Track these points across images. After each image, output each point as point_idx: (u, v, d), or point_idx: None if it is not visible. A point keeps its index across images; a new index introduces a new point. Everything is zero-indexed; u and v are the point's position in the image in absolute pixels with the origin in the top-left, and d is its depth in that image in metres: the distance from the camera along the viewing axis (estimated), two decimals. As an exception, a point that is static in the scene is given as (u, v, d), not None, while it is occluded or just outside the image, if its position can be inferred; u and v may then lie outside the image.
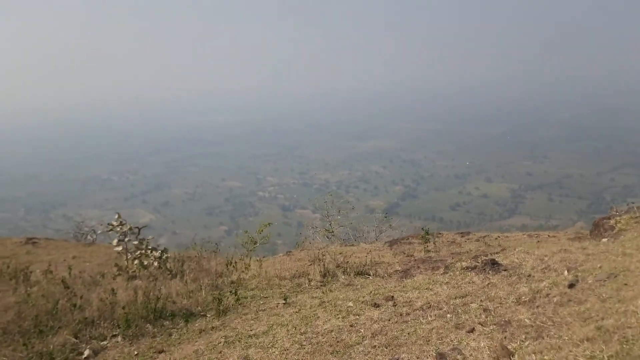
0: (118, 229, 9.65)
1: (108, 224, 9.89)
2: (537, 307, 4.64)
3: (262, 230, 15.89)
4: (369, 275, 9.10)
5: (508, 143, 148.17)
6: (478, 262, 6.66)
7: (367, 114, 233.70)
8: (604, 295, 4.56)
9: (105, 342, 5.65)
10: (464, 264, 6.94)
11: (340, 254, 14.20)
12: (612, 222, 8.41)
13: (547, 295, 4.86)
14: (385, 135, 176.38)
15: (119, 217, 9.72)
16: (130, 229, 9.71)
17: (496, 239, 15.14)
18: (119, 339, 5.70)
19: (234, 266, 10.51)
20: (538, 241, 13.41)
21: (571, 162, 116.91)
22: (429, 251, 12.01)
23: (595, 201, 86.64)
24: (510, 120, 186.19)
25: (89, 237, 19.22)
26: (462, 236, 16.53)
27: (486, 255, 7.25)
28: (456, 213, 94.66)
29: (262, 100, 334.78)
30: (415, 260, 11.20)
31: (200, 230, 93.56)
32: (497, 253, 7.72)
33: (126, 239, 9.64)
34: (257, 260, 12.53)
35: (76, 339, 5.67)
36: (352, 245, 16.67)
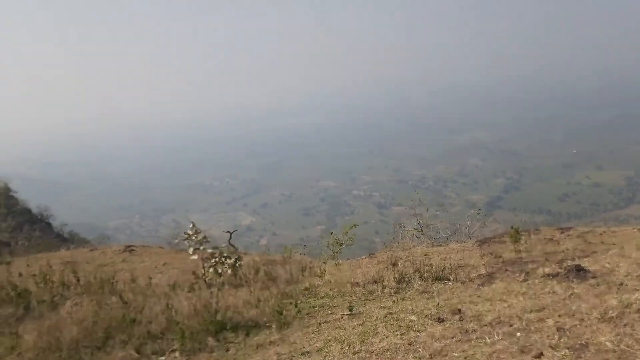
0: (194, 237, 9.79)
1: (184, 232, 10.08)
2: (625, 325, 3.91)
3: (347, 232, 15.61)
4: (449, 280, 8.47)
5: (620, 128, 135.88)
6: (561, 269, 5.87)
7: (461, 106, 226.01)
8: None
9: (163, 358, 5.65)
10: (547, 269, 6.15)
11: (426, 255, 13.53)
12: None
13: (639, 310, 4.09)
14: (483, 127, 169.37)
15: (194, 226, 9.85)
16: (205, 237, 9.81)
17: (601, 234, 13.64)
18: (177, 354, 5.67)
19: (308, 272, 10.30)
20: (649, 237, 11.92)
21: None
22: (519, 251, 11.04)
23: None
24: (622, 105, 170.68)
25: (186, 242, 20.03)
26: (561, 232, 15.10)
27: (573, 260, 6.40)
28: (565, 204, 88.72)
29: (351, 99, 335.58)
30: (504, 262, 10.33)
31: (298, 230, 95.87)
32: (586, 257, 6.81)
33: (201, 247, 9.76)
34: (336, 264, 12.25)
35: (138, 354, 5.72)
36: (440, 245, 15.89)
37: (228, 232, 20.29)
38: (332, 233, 15.86)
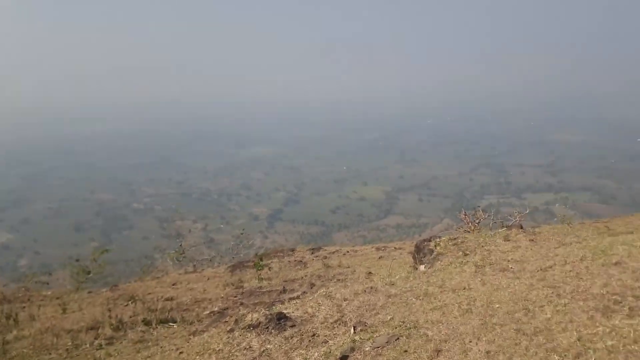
0: None
1: None
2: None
3: (95, 259, 13.79)
4: (175, 322, 7.68)
5: (381, 148, 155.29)
6: (265, 318, 5.50)
7: (246, 123, 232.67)
8: (375, 372, 3.62)
9: None
10: (254, 316, 5.75)
11: (174, 285, 12.61)
12: (432, 244, 7.80)
13: (313, 374, 3.81)
14: (266, 142, 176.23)
15: None
16: None
17: (344, 254, 14.49)
18: None
19: (14, 319, 8.50)
20: (380, 257, 12.94)
21: (437, 165, 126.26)
22: (262, 279, 10.87)
23: (458, 199, 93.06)
24: (382, 128, 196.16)
25: None
26: (312, 253, 15.72)
27: (282, 302, 6.18)
28: (337, 216, 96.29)
29: (136, 109, 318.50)
30: (243, 293, 10.01)
31: (68, 248, 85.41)
32: (297, 298, 6.69)
33: None
34: (61, 304, 10.51)
35: None
36: (195, 271, 15.19)
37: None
38: (77, 260, 13.90)
